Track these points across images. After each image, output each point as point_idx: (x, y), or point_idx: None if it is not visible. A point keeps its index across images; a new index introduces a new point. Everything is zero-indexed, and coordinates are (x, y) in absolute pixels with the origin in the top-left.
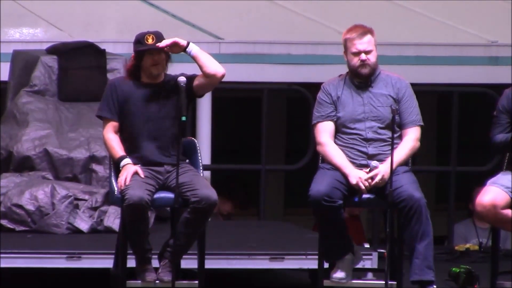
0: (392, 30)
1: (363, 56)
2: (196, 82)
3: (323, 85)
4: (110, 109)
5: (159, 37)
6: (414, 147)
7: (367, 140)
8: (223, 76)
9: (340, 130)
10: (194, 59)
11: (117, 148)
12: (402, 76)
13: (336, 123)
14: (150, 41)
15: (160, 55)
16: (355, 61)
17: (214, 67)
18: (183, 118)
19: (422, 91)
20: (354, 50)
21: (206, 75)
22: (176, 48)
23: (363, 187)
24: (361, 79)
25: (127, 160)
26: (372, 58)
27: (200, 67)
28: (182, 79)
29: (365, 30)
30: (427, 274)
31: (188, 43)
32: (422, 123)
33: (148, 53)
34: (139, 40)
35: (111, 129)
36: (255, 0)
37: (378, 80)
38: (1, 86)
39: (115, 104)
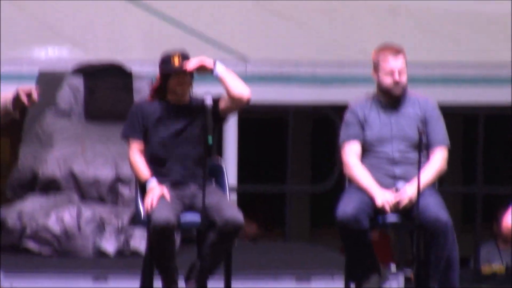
0: (418, 50)
1: (396, 76)
2: (222, 103)
3: (350, 104)
4: (135, 130)
5: (185, 57)
6: (441, 168)
7: (394, 161)
8: (248, 99)
9: (367, 151)
10: (220, 80)
11: (143, 169)
12: (428, 96)
13: (363, 143)
14: (176, 61)
15: (186, 75)
16: (388, 80)
17: (240, 89)
18: (209, 139)
19: (447, 111)
20: (388, 69)
21: (231, 96)
22: (203, 69)
23: (388, 209)
24: (391, 99)
25: (153, 182)
26: (404, 78)
27: (226, 89)
28: (208, 99)
29: (399, 50)
30: None
31: (214, 63)
32: (449, 144)
33: (174, 74)
34: (165, 60)
35: (136, 151)
36: (282, 20)
37: (405, 100)
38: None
39: (140, 125)
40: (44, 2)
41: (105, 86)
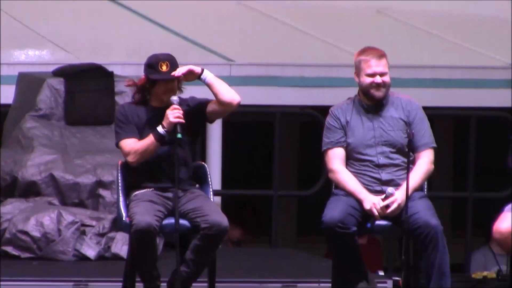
0: (408, 52)
1: (378, 78)
2: (209, 108)
3: (331, 109)
4: (130, 130)
5: (173, 64)
6: (428, 170)
7: (379, 166)
8: (238, 104)
9: (351, 157)
10: (208, 86)
11: (145, 140)
12: (418, 99)
13: (346, 149)
14: (164, 68)
15: (174, 82)
16: (369, 82)
17: (230, 95)
18: (178, 136)
19: (438, 114)
20: (369, 71)
21: (221, 102)
22: (191, 76)
23: (377, 214)
24: (372, 101)
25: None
26: (387, 80)
27: (215, 95)
28: (174, 98)
29: (381, 53)
30: None
31: (202, 70)
32: (435, 145)
33: (162, 81)
34: (152, 66)
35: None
36: (267, 22)
37: (388, 103)
38: (3, 110)
39: (132, 126)
40: (25, 3)
41: (86, 89)
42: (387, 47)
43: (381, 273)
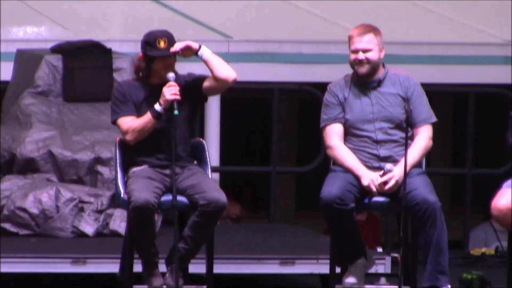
0: (405, 29)
1: (360, 55)
2: (206, 84)
3: (329, 86)
4: (128, 109)
5: (170, 40)
6: (427, 146)
7: (377, 142)
8: (234, 80)
9: (349, 133)
10: (205, 62)
11: (143, 117)
12: (416, 75)
13: (344, 125)
14: (162, 44)
15: (172, 58)
16: (353, 59)
17: (226, 72)
18: (175, 112)
19: (436, 91)
20: (352, 48)
21: (217, 79)
22: (188, 51)
23: (375, 190)
24: (359, 78)
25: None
26: (371, 57)
27: (211, 71)
28: (171, 75)
29: (367, 29)
30: (440, 280)
31: (200, 46)
32: (434, 120)
33: (160, 57)
34: (150, 43)
35: (130, 119)
36: None
37: (385, 79)
38: (2, 87)
39: (130, 104)
40: None
41: (84, 65)
42: (385, 23)
43: (380, 249)
